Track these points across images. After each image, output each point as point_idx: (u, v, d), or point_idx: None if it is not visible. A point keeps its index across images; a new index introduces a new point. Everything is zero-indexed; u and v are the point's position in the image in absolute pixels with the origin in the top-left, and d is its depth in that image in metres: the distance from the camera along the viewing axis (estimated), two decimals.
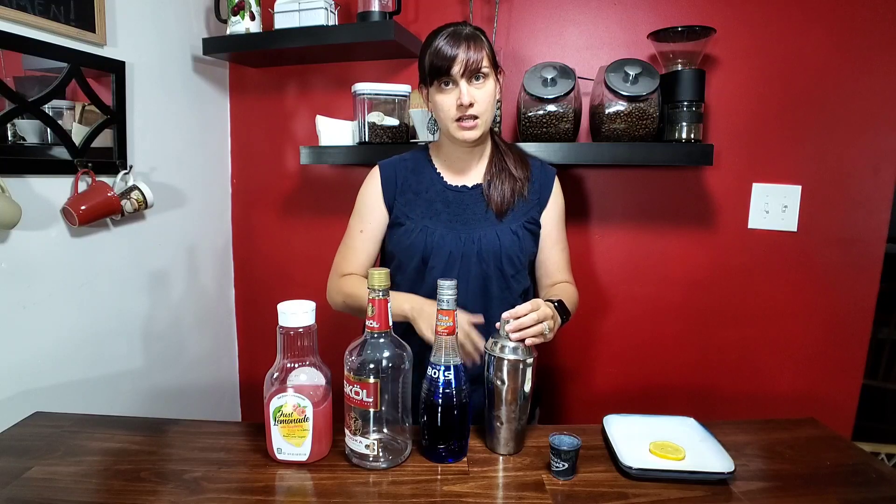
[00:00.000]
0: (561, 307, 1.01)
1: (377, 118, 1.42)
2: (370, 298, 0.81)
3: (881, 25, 1.33)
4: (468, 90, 1.01)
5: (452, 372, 0.84)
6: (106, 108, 1.34)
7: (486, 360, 0.89)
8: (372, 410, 0.81)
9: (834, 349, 1.46)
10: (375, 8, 1.44)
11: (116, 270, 1.41)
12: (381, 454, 0.83)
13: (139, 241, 1.48)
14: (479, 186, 1.12)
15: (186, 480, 0.80)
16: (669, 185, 1.52)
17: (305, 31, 1.47)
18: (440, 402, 0.83)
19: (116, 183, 1.37)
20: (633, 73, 1.27)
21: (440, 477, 0.82)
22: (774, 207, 1.45)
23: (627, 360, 1.61)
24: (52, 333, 1.26)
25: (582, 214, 1.57)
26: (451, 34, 1.02)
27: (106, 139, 1.36)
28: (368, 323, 0.82)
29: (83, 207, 1.24)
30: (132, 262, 1.46)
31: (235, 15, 1.53)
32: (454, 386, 0.84)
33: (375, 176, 1.16)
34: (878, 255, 1.40)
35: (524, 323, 0.87)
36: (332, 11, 1.50)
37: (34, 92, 1.19)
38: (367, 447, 0.82)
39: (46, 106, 1.21)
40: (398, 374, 0.82)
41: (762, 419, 1.04)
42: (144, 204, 1.38)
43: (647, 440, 0.90)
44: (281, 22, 1.50)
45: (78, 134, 1.29)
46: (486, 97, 1.03)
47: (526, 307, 0.89)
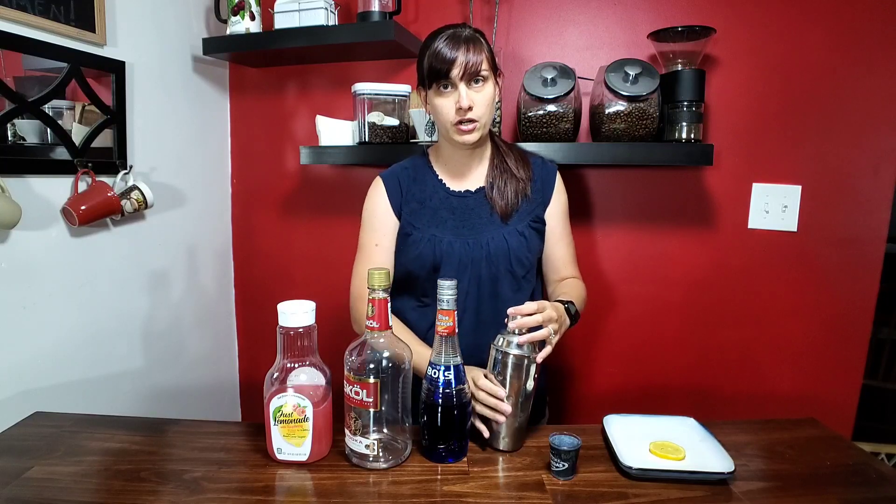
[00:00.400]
0: (570, 310, 1.01)
1: (377, 118, 1.42)
2: (370, 298, 0.81)
3: (881, 25, 1.33)
4: (467, 93, 1.00)
5: (452, 372, 0.84)
6: (106, 108, 1.34)
7: (491, 354, 0.89)
8: (372, 410, 0.81)
9: (834, 349, 1.46)
10: (375, 8, 1.44)
11: (116, 270, 1.41)
12: (381, 454, 0.83)
13: (139, 241, 1.48)
14: (482, 190, 1.12)
15: (186, 480, 0.80)
16: (669, 185, 1.52)
17: (305, 31, 1.47)
18: (440, 402, 0.84)
19: (116, 183, 1.37)
20: (633, 73, 1.27)
21: (440, 477, 0.82)
22: (774, 207, 1.45)
23: (627, 360, 1.61)
24: (52, 333, 1.26)
25: (582, 214, 1.57)
26: (450, 36, 1.01)
27: (106, 139, 1.36)
28: (368, 323, 0.82)
29: (83, 207, 1.24)
30: (132, 262, 1.46)
31: (235, 15, 1.53)
32: (454, 386, 0.84)
33: (380, 188, 1.14)
34: (878, 255, 1.40)
35: (527, 323, 0.87)
36: (332, 11, 1.50)
37: (34, 92, 1.19)
38: (367, 447, 0.82)
39: (46, 106, 1.21)
40: (398, 374, 0.82)
41: (762, 419, 1.04)
42: (144, 204, 1.38)
43: (647, 440, 0.90)
44: (281, 22, 1.50)
45: (78, 134, 1.29)
46: (485, 100, 1.02)
47: (532, 306, 0.89)
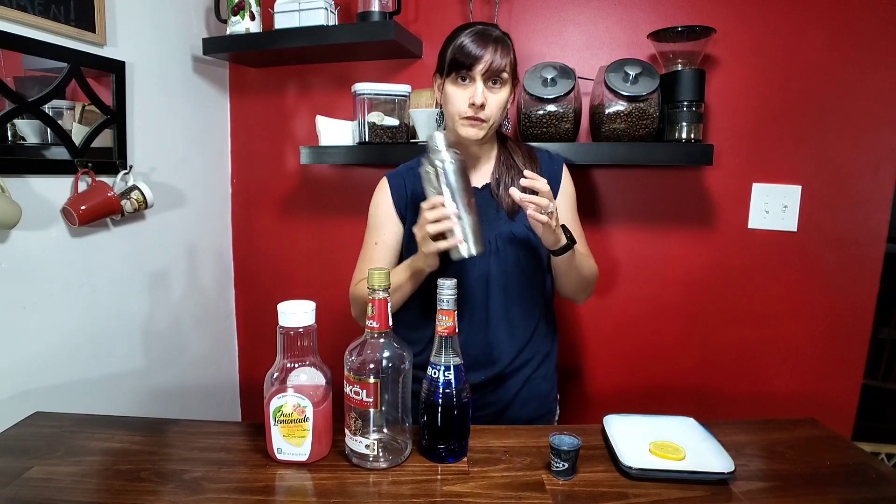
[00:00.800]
0: (566, 229, 1.02)
1: (377, 118, 1.42)
2: (370, 298, 0.81)
3: (881, 25, 1.33)
4: (483, 91, 1.01)
5: (452, 372, 0.84)
6: (106, 108, 1.34)
7: (424, 178, 0.94)
8: (372, 410, 0.81)
9: (834, 349, 1.46)
10: (375, 8, 1.44)
11: (116, 270, 1.41)
12: (381, 454, 0.83)
13: (139, 241, 1.48)
14: (487, 187, 1.12)
15: (186, 480, 0.80)
16: (669, 185, 1.52)
17: (305, 31, 1.47)
18: (440, 402, 0.84)
19: (116, 183, 1.37)
20: (633, 73, 1.27)
21: (440, 477, 0.82)
22: (774, 207, 1.45)
23: (627, 360, 1.61)
24: (52, 333, 1.26)
25: (582, 215, 1.55)
26: (480, 32, 1.01)
27: (106, 139, 1.36)
28: (368, 323, 0.82)
29: (83, 207, 1.24)
30: (132, 262, 1.46)
31: (235, 15, 1.53)
32: (454, 386, 0.84)
33: (384, 188, 1.15)
34: (878, 255, 1.40)
35: (538, 187, 0.92)
36: (332, 11, 1.50)
37: (34, 92, 1.19)
38: (367, 447, 0.82)
39: (46, 106, 1.21)
40: (398, 374, 0.82)
41: (762, 419, 1.04)
42: (144, 204, 1.38)
43: (647, 440, 0.90)
44: (281, 22, 1.50)
45: (78, 134, 1.29)
46: (498, 102, 1.03)
47: (540, 178, 0.94)
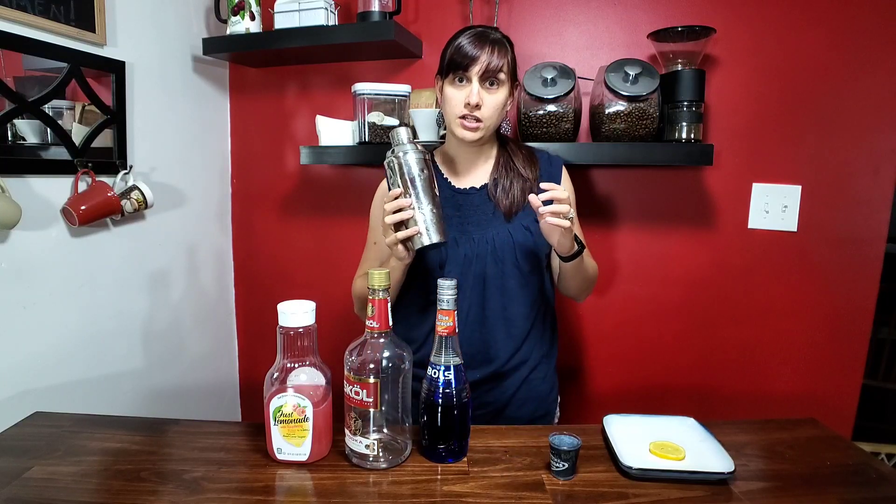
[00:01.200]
0: (576, 237, 1.03)
1: (377, 118, 1.42)
2: (370, 298, 0.81)
3: (881, 25, 1.33)
4: (479, 92, 1.01)
5: (452, 372, 0.84)
6: (106, 108, 1.34)
7: (396, 164, 0.95)
8: (372, 410, 0.81)
9: (834, 349, 1.46)
10: (375, 8, 1.44)
11: (116, 270, 1.41)
12: (381, 454, 0.83)
13: (139, 241, 1.48)
14: (485, 187, 1.13)
15: (186, 480, 0.80)
16: (669, 185, 1.52)
17: (305, 31, 1.47)
18: (440, 402, 0.83)
19: (116, 183, 1.37)
20: (633, 73, 1.27)
21: (440, 477, 0.82)
22: (774, 207, 1.45)
23: (627, 360, 1.61)
24: (52, 333, 1.26)
25: (582, 215, 1.56)
26: (478, 34, 1.03)
27: (106, 139, 1.36)
28: (368, 323, 0.82)
29: (83, 207, 1.24)
30: (132, 262, 1.46)
31: (235, 15, 1.53)
32: (454, 386, 0.84)
33: (384, 187, 1.17)
34: (878, 255, 1.40)
35: (558, 196, 0.92)
36: (332, 11, 1.50)
37: (34, 92, 1.19)
38: (367, 447, 0.82)
39: (46, 106, 1.21)
40: (398, 374, 0.82)
41: (762, 419, 1.04)
42: (144, 204, 1.38)
43: (647, 440, 0.90)
44: (281, 22, 1.50)
45: (78, 134, 1.29)
46: (494, 103, 1.03)
47: (559, 186, 0.96)
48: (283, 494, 0.78)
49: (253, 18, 1.54)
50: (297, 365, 0.83)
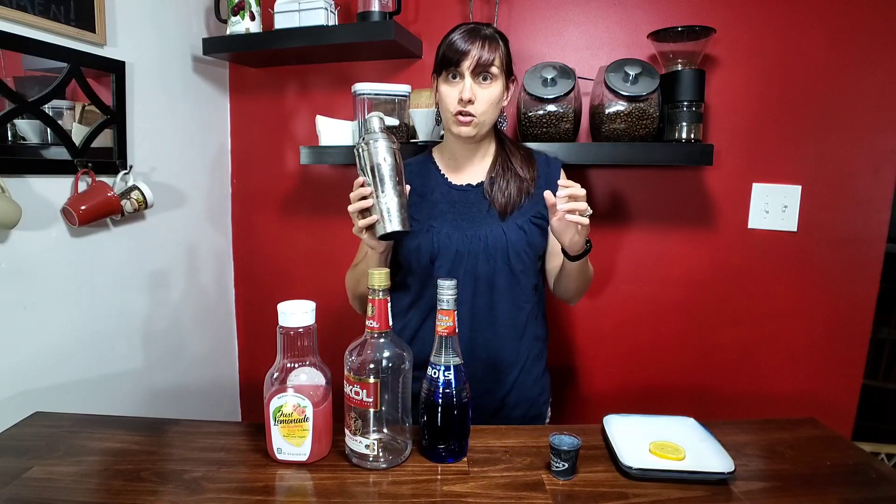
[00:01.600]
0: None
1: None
2: (370, 298, 0.81)
3: (881, 25, 1.33)
4: (471, 87, 1.02)
5: (452, 372, 0.84)
6: (106, 108, 1.34)
7: (364, 151, 0.98)
8: (372, 410, 0.81)
9: (834, 349, 1.46)
10: (375, 8, 1.44)
11: (116, 270, 1.41)
12: (381, 454, 0.83)
13: (139, 241, 1.48)
14: (481, 185, 1.13)
15: (186, 480, 0.80)
16: (669, 185, 1.52)
17: (305, 31, 1.47)
18: (440, 402, 0.84)
19: (116, 183, 1.37)
20: (633, 73, 1.27)
21: (440, 477, 0.82)
22: (774, 207, 1.45)
23: (627, 360, 1.61)
24: (52, 333, 1.26)
25: None
26: (469, 30, 1.03)
27: (106, 139, 1.36)
28: (368, 323, 0.82)
29: (83, 207, 1.24)
30: (132, 262, 1.46)
31: (235, 15, 1.53)
32: (454, 386, 0.84)
33: None
34: (878, 255, 1.40)
35: (577, 193, 0.94)
36: (332, 11, 1.50)
37: (34, 92, 1.19)
38: (367, 447, 0.82)
39: (46, 106, 1.21)
40: (398, 374, 0.82)
41: (762, 419, 1.04)
42: (144, 204, 1.38)
43: (647, 440, 0.90)
44: (281, 22, 1.50)
45: (78, 134, 1.29)
46: (488, 98, 1.03)
47: (576, 185, 0.96)
48: (283, 494, 0.79)
49: (253, 18, 1.54)
50: (297, 365, 0.83)
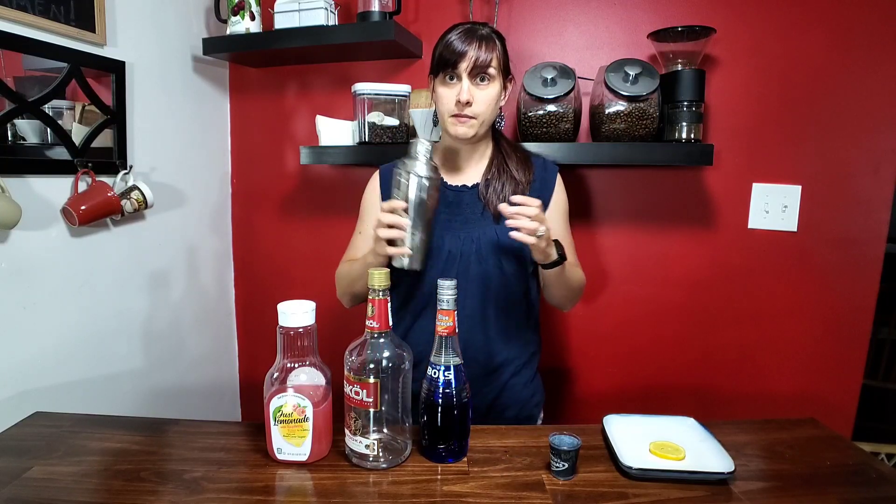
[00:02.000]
0: (558, 245, 1.03)
1: (377, 118, 1.42)
2: (370, 298, 0.81)
3: (881, 25, 1.33)
4: (469, 88, 1.01)
5: (452, 372, 0.84)
6: (106, 108, 1.34)
7: (405, 180, 0.95)
8: (372, 410, 0.81)
9: (834, 349, 1.46)
10: (375, 8, 1.44)
11: (116, 270, 1.41)
12: (381, 454, 0.83)
13: (139, 241, 1.47)
14: (476, 187, 1.12)
15: (186, 480, 0.80)
16: (669, 185, 1.52)
17: (305, 31, 1.47)
18: (440, 402, 0.84)
19: (116, 183, 1.37)
20: (633, 73, 1.27)
21: (440, 477, 0.82)
22: (774, 207, 1.45)
23: (627, 360, 1.61)
24: (52, 333, 1.26)
25: (582, 215, 1.57)
26: (466, 31, 1.03)
27: (106, 139, 1.36)
28: (368, 323, 0.82)
29: (83, 207, 1.24)
30: (132, 262, 1.46)
31: (235, 15, 1.53)
32: (454, 386, 0.84)
33: (375, 180, 1.18)
34: (878, 255, 1.40)
35: (525, 211, 0.92)
36: (332, 11, 1.50)
37: (34, 92, 1.19)
38: (367, 447, 0.82)
39: (46, 106, 1.21)
40: (398, 374, 0.82)
41: (762, 419, 1.04)
42: (144, 204, 1.38)
43: (647, 440, 0.90)
44: (281, 22, 1.50)
45: (78, 134, 1.29)
46: (486, 99, 1.03)
47: (534, 201, 0.93)
48: (283, 494, 0.79)
49: (253, 18, 1.54)
50: (297, 365, 0.83)
